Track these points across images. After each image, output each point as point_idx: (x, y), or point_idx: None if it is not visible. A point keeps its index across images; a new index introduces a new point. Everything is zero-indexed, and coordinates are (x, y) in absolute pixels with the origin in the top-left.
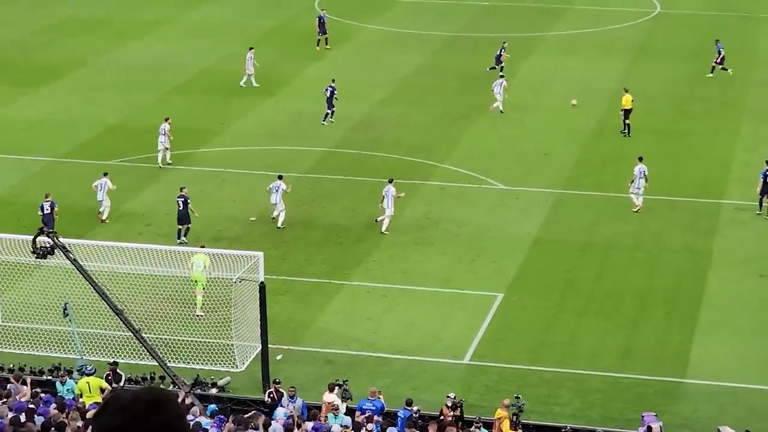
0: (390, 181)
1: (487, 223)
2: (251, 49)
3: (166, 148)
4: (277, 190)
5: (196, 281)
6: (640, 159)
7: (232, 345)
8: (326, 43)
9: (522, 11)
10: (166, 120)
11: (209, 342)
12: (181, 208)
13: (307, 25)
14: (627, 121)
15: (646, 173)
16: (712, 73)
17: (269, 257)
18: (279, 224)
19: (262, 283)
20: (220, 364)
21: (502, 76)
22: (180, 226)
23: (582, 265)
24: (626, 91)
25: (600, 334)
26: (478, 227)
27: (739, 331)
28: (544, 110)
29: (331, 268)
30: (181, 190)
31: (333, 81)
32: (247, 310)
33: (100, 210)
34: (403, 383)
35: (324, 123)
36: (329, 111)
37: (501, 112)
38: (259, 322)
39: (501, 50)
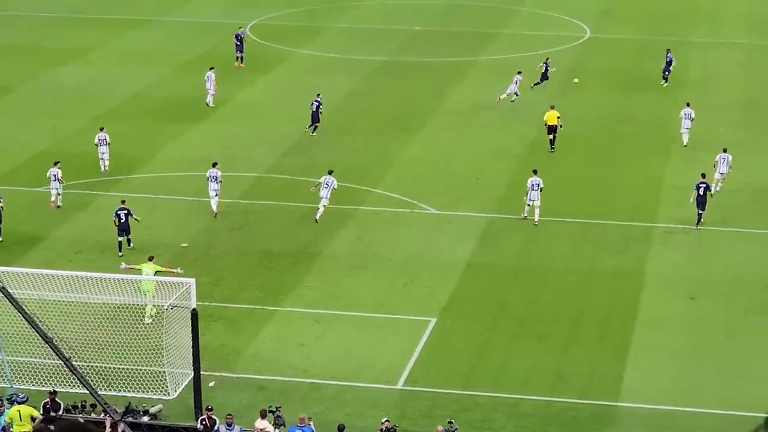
0: (330, 173)
1: (419, 247)
2: (212, 68)
3: (104, 158)
4: (215, 179)
5: (146, 291)
6: (535, 172)
7: (164, 372)
8: (241, 61)
9: (454, 36)
10: (102, 129)
11: (141, 369)
12: (123, 220)
13: (234, 51)
14: (554, 136)
15: (541, 185)
16: (666, 82)
17: (201, 283)
18: (216, 208)
19: (194, 309)
20: (151, 391)
21: (519, 73)
22: (121, 239)
23: (515, 288)
24: (552, 108)
25: (533, 358)
26: (411, 252)
27: (671, 353)
28: (476, 134)
29: (264, 293)
30: (122, 203)
31: (319, 95)
32: (179, 337)
33: (52, 200)
34: (337, 409)
35: (312, 133)
36: (315, 124)
37: (512, 101)
38: (191, 349)
39: (545, 66)
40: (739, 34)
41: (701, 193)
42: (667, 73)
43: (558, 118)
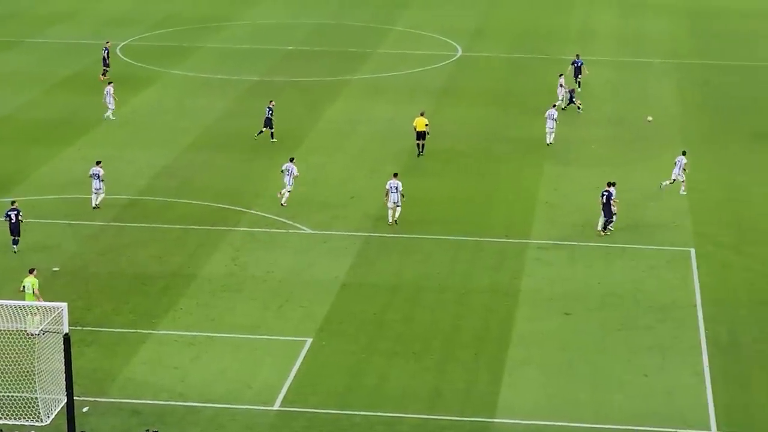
0: (291, 160)
1: (295, 267)
2: (110, 83)
3: None
4: (98, 177)
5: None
6: (395, 174)
7: (36, 398)
8: (104, 74)
9: (326, 55)
10: None
11: (12, 395)
12: (13, 221)
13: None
14: (422, 142)
15: (401, 189)
16: (579, 88)
17: (74, 308)
18: (98, 203)
19: (66, 334)
20: (24, 417)
21: (561, 75)
22: (13, 237)
23: (391, 307)
24: (422, 114)
25: (409, 376)
26: (287, 272)
27: (546, 369)
28: (350, 153)
29: (138, 317)
30: (12, 203)
31: (271, 102)
32: (52, 362)
33: None
34: None
35: (272, 140)
36: (265, 129)
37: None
38: (64, 374)
39: (572, 93)
40: (609, 52)
41: (604, 200)
42: (578, 78)
43: (426, 125)
